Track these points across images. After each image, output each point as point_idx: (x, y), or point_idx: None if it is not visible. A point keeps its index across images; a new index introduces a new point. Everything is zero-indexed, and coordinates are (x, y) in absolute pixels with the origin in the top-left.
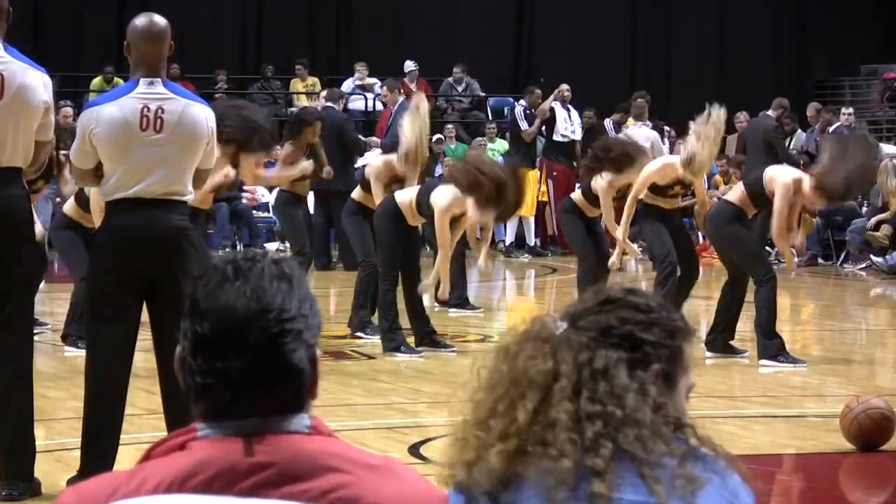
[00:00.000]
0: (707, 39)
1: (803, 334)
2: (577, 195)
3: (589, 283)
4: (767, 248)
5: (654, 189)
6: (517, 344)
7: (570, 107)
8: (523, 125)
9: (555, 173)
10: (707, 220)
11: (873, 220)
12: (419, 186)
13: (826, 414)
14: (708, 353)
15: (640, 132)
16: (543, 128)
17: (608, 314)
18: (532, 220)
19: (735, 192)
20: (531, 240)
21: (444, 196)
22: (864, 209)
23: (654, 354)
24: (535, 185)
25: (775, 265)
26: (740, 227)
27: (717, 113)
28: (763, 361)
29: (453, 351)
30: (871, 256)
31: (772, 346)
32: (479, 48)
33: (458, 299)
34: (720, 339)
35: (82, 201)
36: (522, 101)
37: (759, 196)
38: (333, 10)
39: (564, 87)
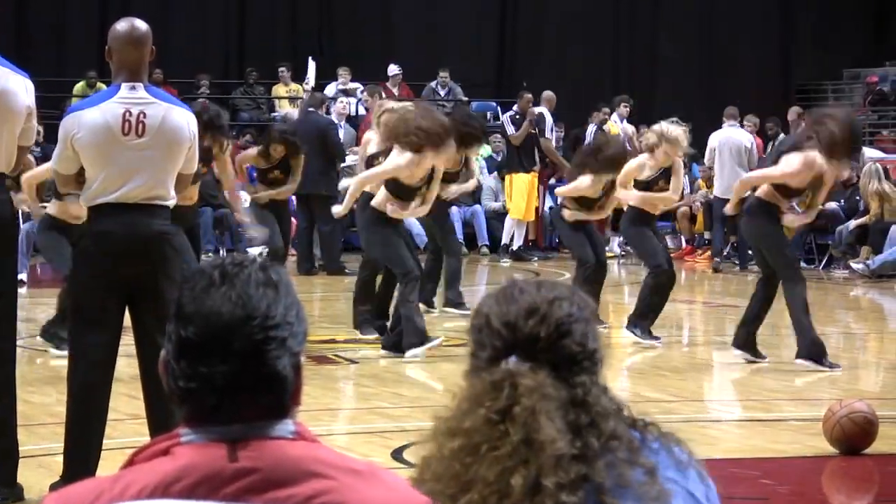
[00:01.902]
0: (692, 43)
1: (786, 338)
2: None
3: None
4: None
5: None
6: (499, 413)
7: (555, 114)
8: (510, 129)
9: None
10: (743, 219)
11: (853, 223)
12: None
13: (809, 417)
14: (735, 352)
15: (737, 133)
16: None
17: (566, 339)
18: (525, 224)
19: (762, 188)
20: (518, 243)
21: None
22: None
23: (600, 350)
24: (533, 191)
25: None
26: (774, 223)
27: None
28: (798, 361)
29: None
30: (852, 263)
31: (808, 344)
32: (462, 53)
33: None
34: (749, 338)
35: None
36: (515, 107)
37: (783, 187)
38: (316, 15)
39: (551, 94)
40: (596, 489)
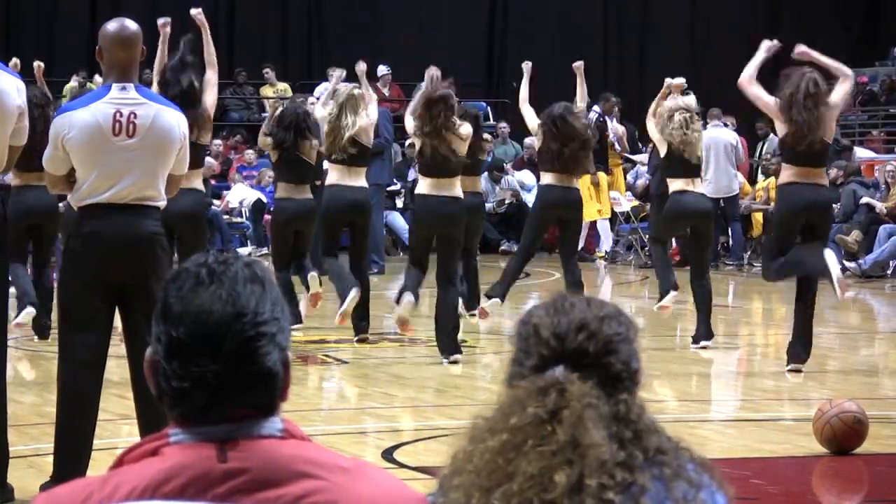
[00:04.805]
0: (681, 44)
1: (776, 338)
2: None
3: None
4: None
5: None
6: (549, 413)
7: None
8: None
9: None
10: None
11: (881, 204)
12: None
13: (799, 417)
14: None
15: (723, 132)
16: None
17: (612, 357)
18: (607, 223)
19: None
20: (608, 244)
21: None
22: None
23: (641, 371)
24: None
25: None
26: None
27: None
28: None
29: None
30: (844, 262)
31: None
32: (451, 52)
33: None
34: None
35: None
36: (596, 108)
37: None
38: (306, 15)
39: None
40: (636, 497)
